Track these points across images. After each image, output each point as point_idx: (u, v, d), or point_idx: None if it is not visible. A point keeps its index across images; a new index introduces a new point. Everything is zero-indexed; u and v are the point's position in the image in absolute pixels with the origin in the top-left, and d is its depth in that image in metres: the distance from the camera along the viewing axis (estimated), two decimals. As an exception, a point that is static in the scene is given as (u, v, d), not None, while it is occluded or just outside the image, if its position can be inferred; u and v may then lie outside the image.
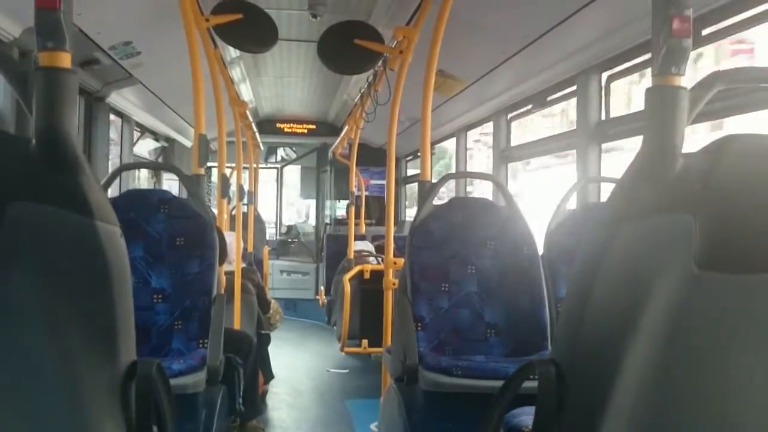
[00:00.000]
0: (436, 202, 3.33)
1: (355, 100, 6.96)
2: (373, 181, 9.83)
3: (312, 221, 10.82)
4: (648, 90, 1.22)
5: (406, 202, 9.67)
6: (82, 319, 1.13)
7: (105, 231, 1.20)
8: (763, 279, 0.91)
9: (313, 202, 10.87)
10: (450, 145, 7.42)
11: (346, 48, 4.22)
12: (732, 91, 2.62)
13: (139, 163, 6.31)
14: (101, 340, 1.18)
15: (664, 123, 1.18)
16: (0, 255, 1.04)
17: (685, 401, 0.93)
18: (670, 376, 0.96)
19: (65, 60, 1.24)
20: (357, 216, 7.90)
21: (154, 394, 1.30)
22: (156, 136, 7.09)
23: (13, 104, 3.37)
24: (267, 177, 10.72)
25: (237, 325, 4.31)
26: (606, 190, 3.77)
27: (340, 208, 10.13)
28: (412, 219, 3.38)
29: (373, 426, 4.38)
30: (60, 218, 1.14)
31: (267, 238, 9.18)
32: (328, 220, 10.18)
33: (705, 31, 2.85)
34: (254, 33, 4.03)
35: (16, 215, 1.06)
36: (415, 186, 4.78)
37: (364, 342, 5.87)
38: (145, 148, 6.99)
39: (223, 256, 3.57)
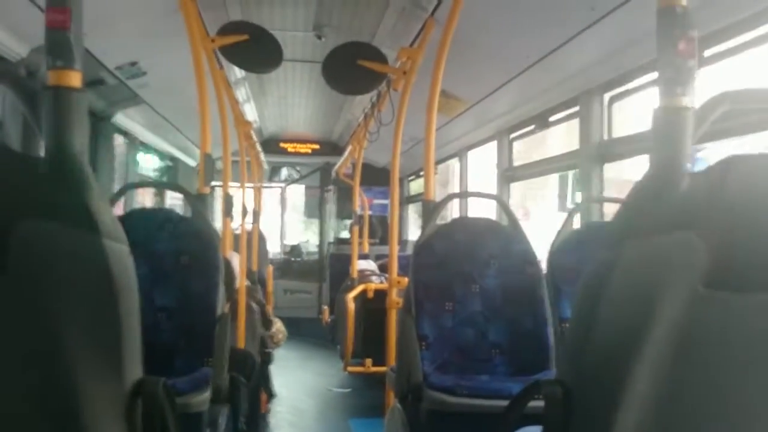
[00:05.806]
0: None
1: (359, 120, 6.99)
2: (376, 201, 9.83)
3: (314, 241, 10.80)
4: (654, 111, 1.23)
5: (409, 222, 9.67)
6: (89, 337, 1.13)
7: (113, 249, 1.21)
8: None
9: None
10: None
11: (350, 69, 4.25)
12: (739, 112, 2.64)
13: (144, 182, 6.33)
14: (107, 358, 1.18)
15: (670, 144, 1.18)
16: (8, 272, 1.04)
17: (691, 421, 0.93)
18: (676, 396, 0.96)
19: (75, 79, 1.25)
20: (360, 235, 7.90)
21: (159, 413, 1.29)
22: (160, 155, 7.12)
23: (19, 122, 3.39)
24: (270, 198, 10.71)
25: (241, 344, 4.30)
26: (609, 210, 3.78)
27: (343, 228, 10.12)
28: (414, 238, 3.38)
29: (376, 446, 4.35)
30: (69, 236, 1.15)
31: (270, 257, 9.17)
32: (331, 239, 10.17)
33: (707, 53, 2.87)
34: (260, 54, 4.06)
35: (25, 233, 1.06)
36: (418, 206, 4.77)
37: (368, 361, 5.84)
38: (149, 167, 7.02)
39: (231, 287, 3.56)
